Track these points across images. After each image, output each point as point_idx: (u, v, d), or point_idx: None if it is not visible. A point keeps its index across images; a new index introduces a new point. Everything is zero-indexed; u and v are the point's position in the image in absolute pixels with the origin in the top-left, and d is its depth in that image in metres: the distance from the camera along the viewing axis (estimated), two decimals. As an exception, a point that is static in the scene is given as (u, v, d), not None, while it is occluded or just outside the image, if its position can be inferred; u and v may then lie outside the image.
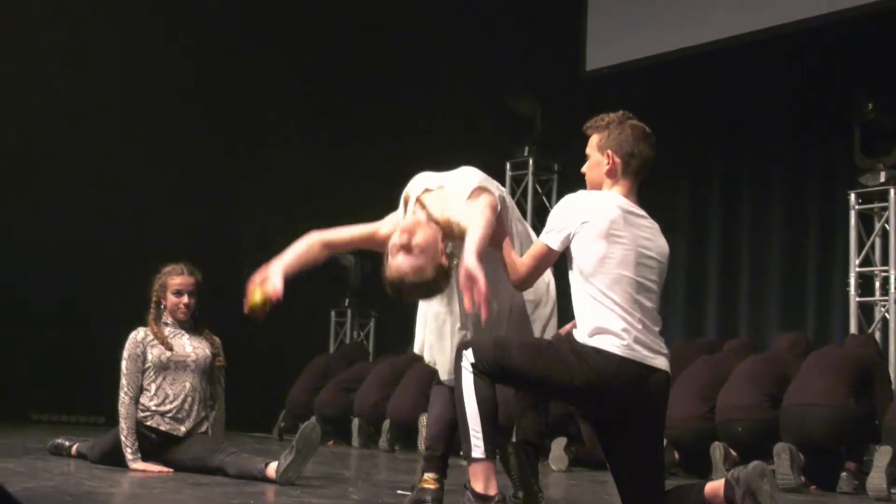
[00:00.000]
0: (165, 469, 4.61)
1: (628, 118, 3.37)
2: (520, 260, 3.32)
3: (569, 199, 3.28)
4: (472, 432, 3.14)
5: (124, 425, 4.68)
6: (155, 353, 4.82)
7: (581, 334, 3.14)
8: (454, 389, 3.26)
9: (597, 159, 3.33)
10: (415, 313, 3.70)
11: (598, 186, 3.35)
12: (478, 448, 3.12)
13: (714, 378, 5.89)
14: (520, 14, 9.19)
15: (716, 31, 8.10)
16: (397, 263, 3.24)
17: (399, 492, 4.24)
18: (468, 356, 3.17)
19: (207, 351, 4.94)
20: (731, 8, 8.12)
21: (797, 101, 7.78)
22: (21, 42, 9.16)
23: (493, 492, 3.07)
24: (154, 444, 4.74)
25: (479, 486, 3.11)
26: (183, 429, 4.80)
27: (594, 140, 3.34)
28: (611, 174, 3.31)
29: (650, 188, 8.53)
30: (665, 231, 3.68)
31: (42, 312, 8.92)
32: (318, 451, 4.79)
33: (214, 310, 5.24)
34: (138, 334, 4.87)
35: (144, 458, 4.67)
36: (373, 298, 9.88)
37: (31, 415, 9.00)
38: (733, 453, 5.21)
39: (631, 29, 8.67)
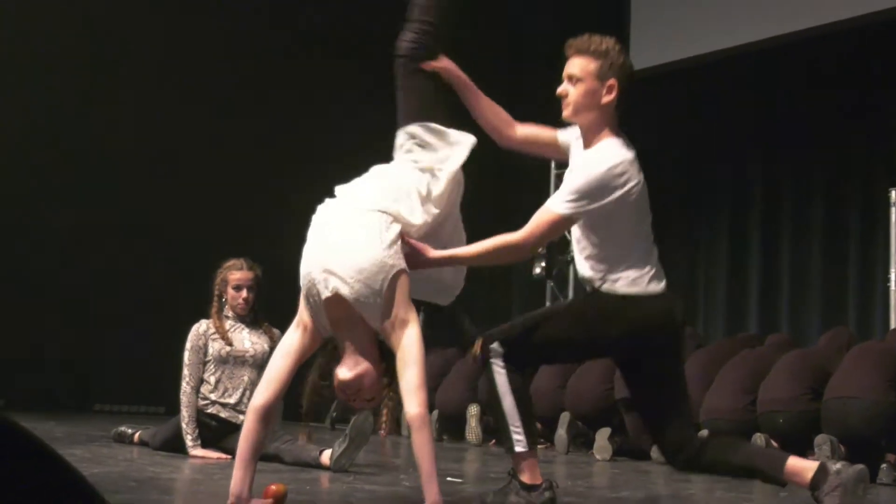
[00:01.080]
0: (224, 455, 4.64)
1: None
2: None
3: (612, 163, 2.97)
4: (512, 429, 3.16)
5: (185, 413, 4.76)
6: (216, 346, 4.87)
7: (616, 284, 3.06)
8: (487, 389, 3.24)
9: (592, 86, 3.03)
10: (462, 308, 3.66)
11: (587, 117, 3.08)
12: (520, 442, 3.14)
13: (756, 371, 5.89)
14: (561, 15, 9.14)
15: (758, 32, 8.07)
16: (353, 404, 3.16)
17: (448, 479, 4.22)
18: (496, 351, 3.14)
19: (266, 346, 4.95)
20: (772, 9, 8.05)
21: (837, 101, 7.73)
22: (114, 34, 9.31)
23: (538, 481, 3.12)
24: (213, 432, 4.80)
25: (525, 477, 3.15)
26: (242, 417, 4.69)
27: (590, 66, 3.03)
28: (607, 107, 3.05)
29: (692, 184, 8.54)
30: (707, 229, 3.75)
31: (105, 306, 8.97)
32: (369, 441, 4.80)
33: (274, 301, 5.10)
34: (200, 326, 4.92)
35: (203, 446, 4.73)
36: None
37: (94, 405, 9.09)
38: (774, 444, 5.19)
39: (674, 30, 8.65)
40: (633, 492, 4.43)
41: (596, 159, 2.98)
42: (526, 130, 3.32)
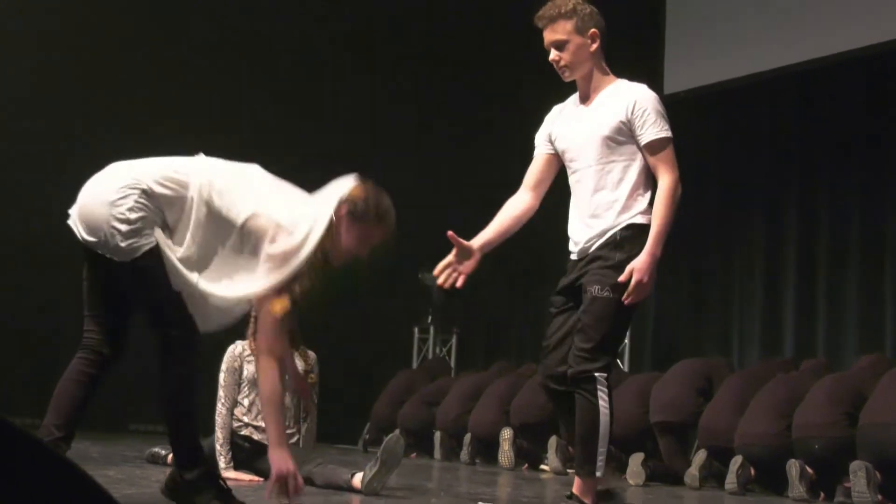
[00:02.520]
0: (256, 477, 4.60)
1: None
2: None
3: (655, 96, 3.38)
4: (600, 452, 3.22)
5: (220, 435, 4.73)
6: (251, 368, 4.80)
7: (643, 215, 3.28)
8: (582, 408, 3.24)
9: (579, 42, 3.28)
10: (495, 332, 3.66)
11: (583, 69, 3.34)
12: (601, 467, 3.24)
13: (791, 396, 5.79)
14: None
15: (793, 54, 8.02)
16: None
17: (479, 503, 4.21)
18: (602, 377, 3.20)
19: (299, 367, 4.91)
20: (807, 32, 7.99)
21: (873, 122, 7.63)
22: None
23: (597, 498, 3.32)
24: (247, 454, 4.75)
25: (589, 499, 3.25)
26: None
27: (567, 26, 3.27)
28: (597, 53, 3.33)
29: (728, 208, 8.48)
30: (743, 250, 3.74)
31: (140, 326, 9.00)
32: (401, 463, 4.77)
33: (308, 323, 5.12)
34: (236, 348, 4.91)
35: (236, 468, 4.69)
36: (454, 315, 9.82)
37: (128, 425, 9.08)
38: (809, 470, 5.10)
39: (708, 53, 8.59)
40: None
41: (644, 91, 3.30)
42: (531, 180, 3.52)
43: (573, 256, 3.42)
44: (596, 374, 3.19)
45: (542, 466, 6.92)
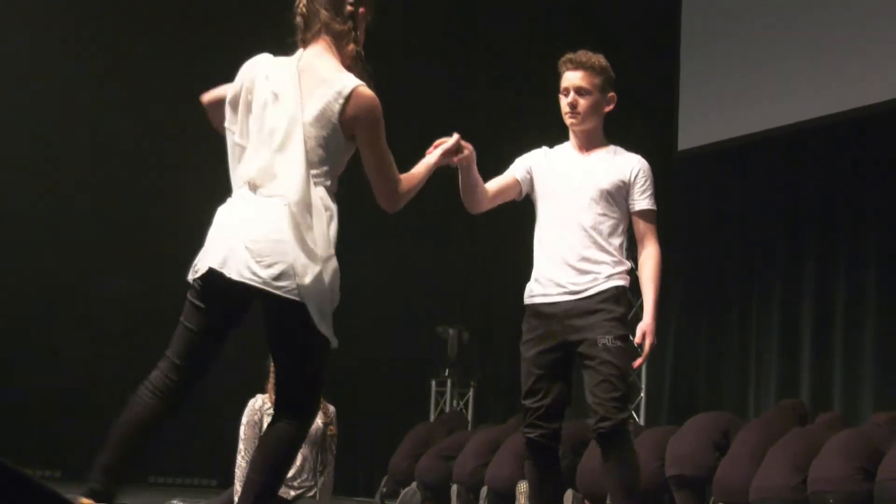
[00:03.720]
0: None
1: None
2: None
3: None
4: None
5: (239, 487, 4.70)
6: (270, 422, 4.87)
7: (625, 277, 3.41)
8: (621, 462, 3.32)
9: (598, 97, 3.37)
10: (513, 384, 3.60)
11: (591, 123, 3.42)
12: None
13: (807, 449, 5.72)
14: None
15: (806, 111, 7.98)
16: None
17: None
18: (627, 416, 3.36)
19: (319, 422, 4.89)
20: (820, 88, 7.98)
21: (891, 176, 7.63)
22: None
23: None
24: None
25: None
26: (292, 493, 4.82)
27: (595, 80, 3.36)
28: (604, 115, 3.45)
29: (742, 262, 8.47)
30: (758, 305, 3.73)
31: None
32: None
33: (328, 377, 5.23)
34: (257, 402, 4.95)
35: None
36: (472, 369, 9.81)
37: (148, 478, 9.15)
38: (826, 526, 5.08)
39: (723, 108, 8.61)
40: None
41: (645, 162, 3.45)
42: (493, 187, 3.47)
43: (554, 298, 3.38)
44: (630, 437, 3.34)
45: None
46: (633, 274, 3.50)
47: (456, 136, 3.13)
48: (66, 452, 8.67)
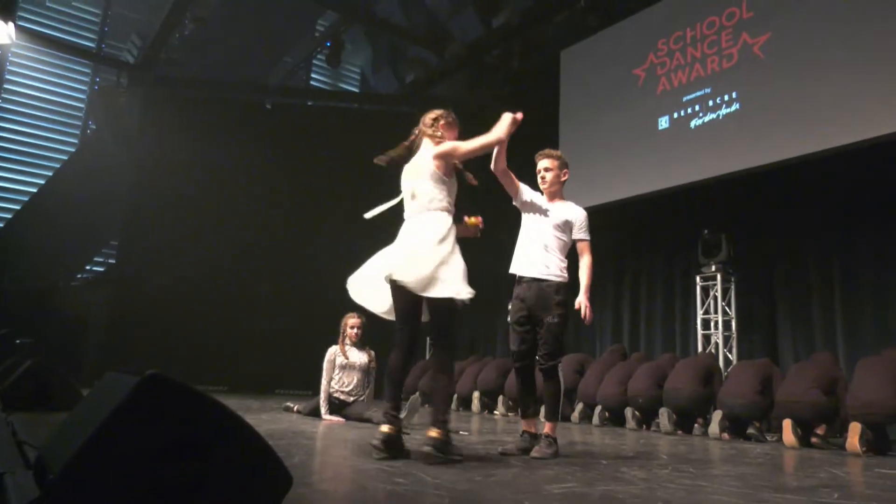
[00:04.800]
0: (342, 419, 4.87)
1: None
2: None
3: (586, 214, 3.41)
4: (562, 405, 3.27)
5: (323, 396, 5.02)
6: (340, 360, 5.13)
7: (563, 273, 3.30)
8: (552, 386, 3.25)
9: (558, 173, 3.40)
10: (471, 339, 2.86)
11: (555, 187, 3.39)
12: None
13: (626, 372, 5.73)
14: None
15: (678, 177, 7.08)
16: None
17: (461, 432, 4.34)
18: (558, 361, 3.26)
19: (366, 359, 5.19)
20: (650, 169, 7.26)
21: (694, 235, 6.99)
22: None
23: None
24: (336, 406, 5.02)
25: (549, 430, 3.27)
26: (351, 399, 5.07)
27: (556, 163, 3.39)
28: (563, 182, 3.45)
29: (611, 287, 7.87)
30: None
31: (291, 338, 9.40)
32: (419, 411, 5.05)
33: (372, 335, 5.28)
34: (332, 349, 5.18)
35: (330, 414, 4.95)
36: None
37: (275, 389, 9.46)
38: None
39: (591, 179, 7.56)
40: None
41: (579, 210, 3.41)
42: (509, 172, 3.35)
43: (523, 274, 3.32)
44: (558, 364, 3.28)
45: (494, 413, 6.81)
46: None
47: (520, 115, 3.07)
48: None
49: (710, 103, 7.09)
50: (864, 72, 5.80)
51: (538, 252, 3.30)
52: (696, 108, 7.10)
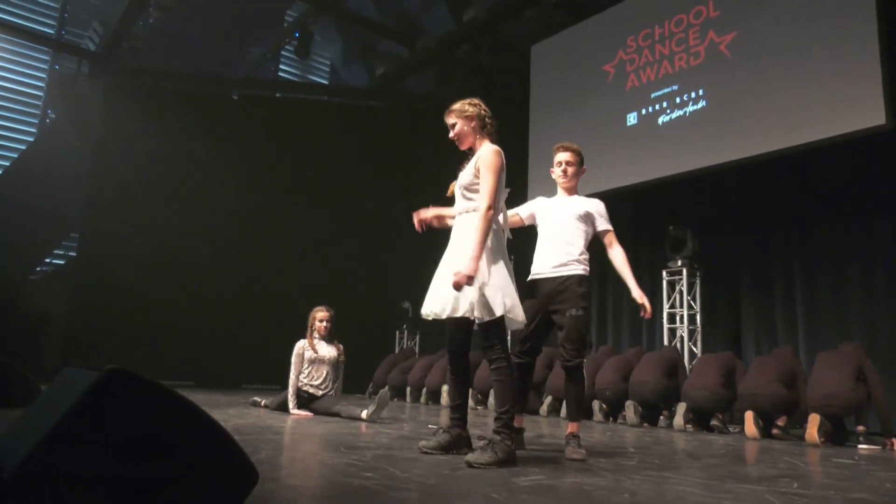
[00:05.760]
0: (309, 414, 4.78)
1: None
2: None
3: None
4: (584, 405, 3.29)
5: (291, 390, 4.92)
6: (308, 354, 5.01)
7: (585, 267, 3.12)
8: (577, 384, 3.07)
9: (576, 169, 3.26)
10: (442, 332, 3.15)
11: (573, 181, 3.26)
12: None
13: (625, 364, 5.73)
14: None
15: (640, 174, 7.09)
16: None
17: (430, 426, 4.25)
18: (582, 360, 3.13)
19: (334, 352, 5.09)
20: (617, 165, 7.32)
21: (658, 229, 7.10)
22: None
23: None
24: (304, 400, 4.94)
25: (575, 429, 3.14)
26: (320, 393, 4.97)
27: (576, 157, 3.25)
28: (580, 177, 3.31)
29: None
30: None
31: (259, 332, 9.29)
32: (388, 405, 5.01)
33: (340, 329, 5.31)
34: (300, 343, 5.05)
35: (298, 408, 4.88)
36: (418, 324, 9.92)
37: (242, 384, 9.35)
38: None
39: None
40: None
41: (598, 201, 3.25)
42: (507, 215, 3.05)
43: (541, 275, 3.16)
44: (582, 362, 3.13)
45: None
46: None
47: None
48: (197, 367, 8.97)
49: (678, 100, 7.18)
50: (826, 72, 5.93)
51: (559, 247, 3.13)
52: (664, 104, 7.19)
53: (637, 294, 3.06)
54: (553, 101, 8.28)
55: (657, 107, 7.18)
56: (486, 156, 2.72)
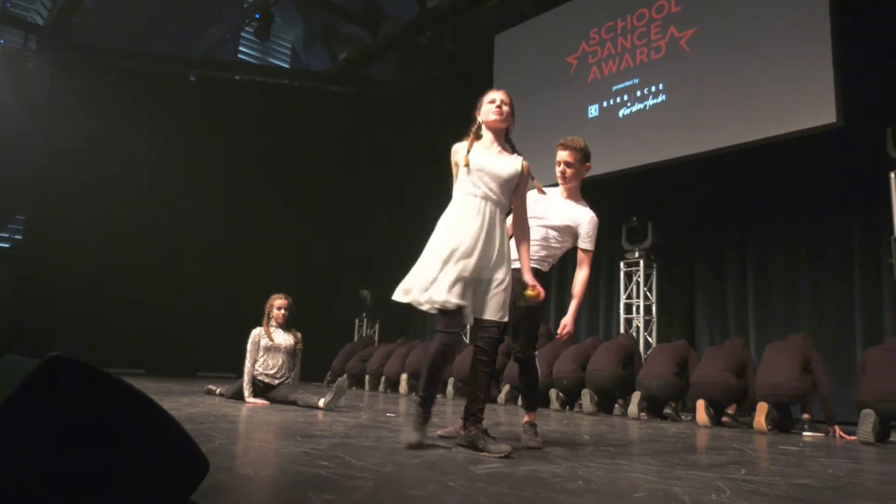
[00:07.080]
0: (266, 402, 4.76)
1: None
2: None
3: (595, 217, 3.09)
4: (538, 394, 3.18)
5: (246, 378, 4.91)
6: (264, 342, 4.98)
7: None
8: (529, 375, 3.08)
9: (579, 167, 3.10)
10: (402, 322, 2.72)
11: (573, 182, 3.12)
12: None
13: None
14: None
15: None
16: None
17: (388, 414, 4.33)
18: (535, 355, 3.13)
19: (291, 340, 5.06)
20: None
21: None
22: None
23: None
24: (260, 388, 4.93)
25: (532, 418, 3.15)
26: (276, 381, 4.94)
27: (577, 155, 3.09)
28: (582, 177, 3.15)
29: None
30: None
31: (214, 320, 9.27)
32: (346, 393, 4.95)
33: (297, 317, 5.29)
34: (256, 330, 5.03)
35: (254, 396, 4.86)
36: (377, 312, 10.01)
37: (196, 372, 9.32)
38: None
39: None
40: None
41: (589, 215, 3.12)
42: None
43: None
44: (534, 358, 3.14)
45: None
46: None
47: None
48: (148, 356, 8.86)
49: (638, 94, 7.29)
50: (784, 68, 6.07)
51: (532, 244, 3.01)
52: (625, 97, 7.45)
53: (565, 321, 3.06)
54: (515, 90, 8.31)
55: (618, 99, 7.28)
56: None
